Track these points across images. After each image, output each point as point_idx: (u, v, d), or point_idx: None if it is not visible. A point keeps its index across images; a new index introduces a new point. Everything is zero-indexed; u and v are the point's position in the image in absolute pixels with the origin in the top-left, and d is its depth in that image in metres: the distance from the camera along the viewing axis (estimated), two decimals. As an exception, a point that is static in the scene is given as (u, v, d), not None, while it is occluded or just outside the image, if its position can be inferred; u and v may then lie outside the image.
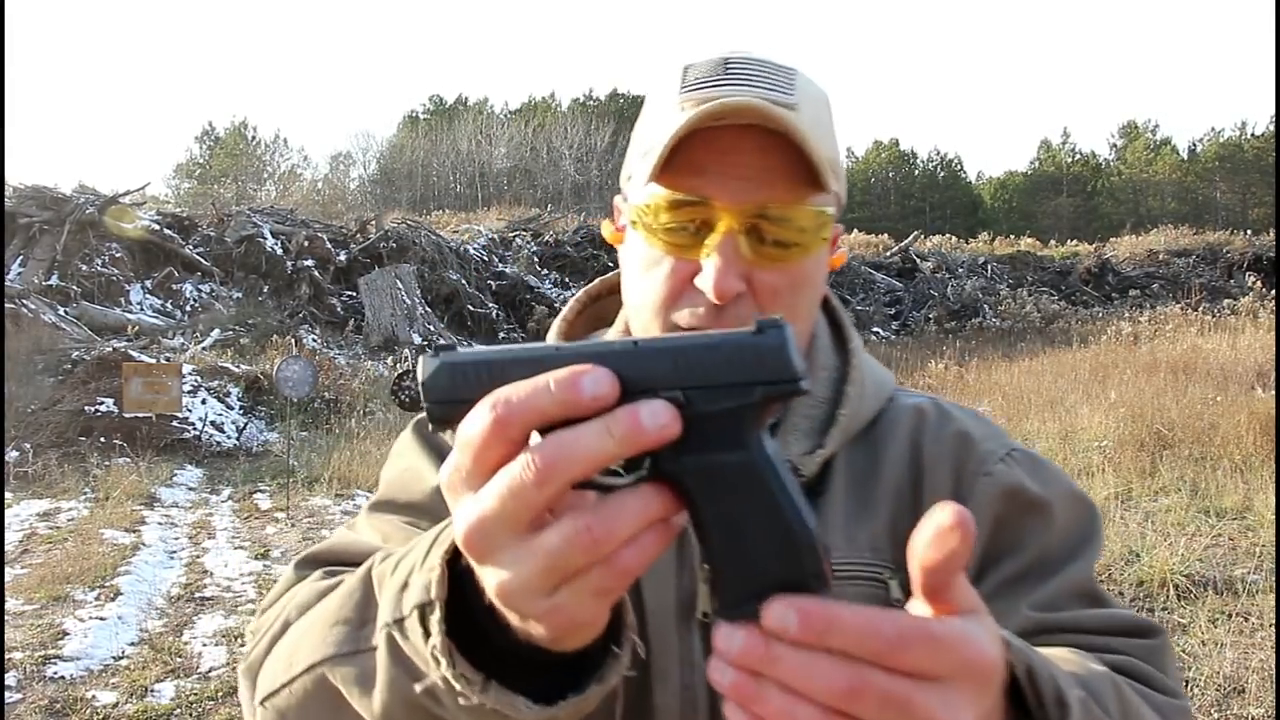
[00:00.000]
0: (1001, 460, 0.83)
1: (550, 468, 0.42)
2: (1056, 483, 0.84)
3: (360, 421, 10.38)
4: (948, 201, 59.35)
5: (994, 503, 0.81)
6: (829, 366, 0.88)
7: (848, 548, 0.79)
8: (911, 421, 0.87)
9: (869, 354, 0.92)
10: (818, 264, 0.81)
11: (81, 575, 5.52)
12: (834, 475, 0.82)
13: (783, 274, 0.77)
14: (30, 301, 12.70)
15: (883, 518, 0.81)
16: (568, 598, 0.45)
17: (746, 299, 0.77)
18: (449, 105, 58.95)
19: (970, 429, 0.86)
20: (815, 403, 0.85)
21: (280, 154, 53.26)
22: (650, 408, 0.43)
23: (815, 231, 0.77)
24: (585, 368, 0.43)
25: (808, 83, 0.80)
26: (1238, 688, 3.80)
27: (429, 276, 17.44)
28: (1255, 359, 11.22)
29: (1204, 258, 26.03)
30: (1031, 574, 0.79)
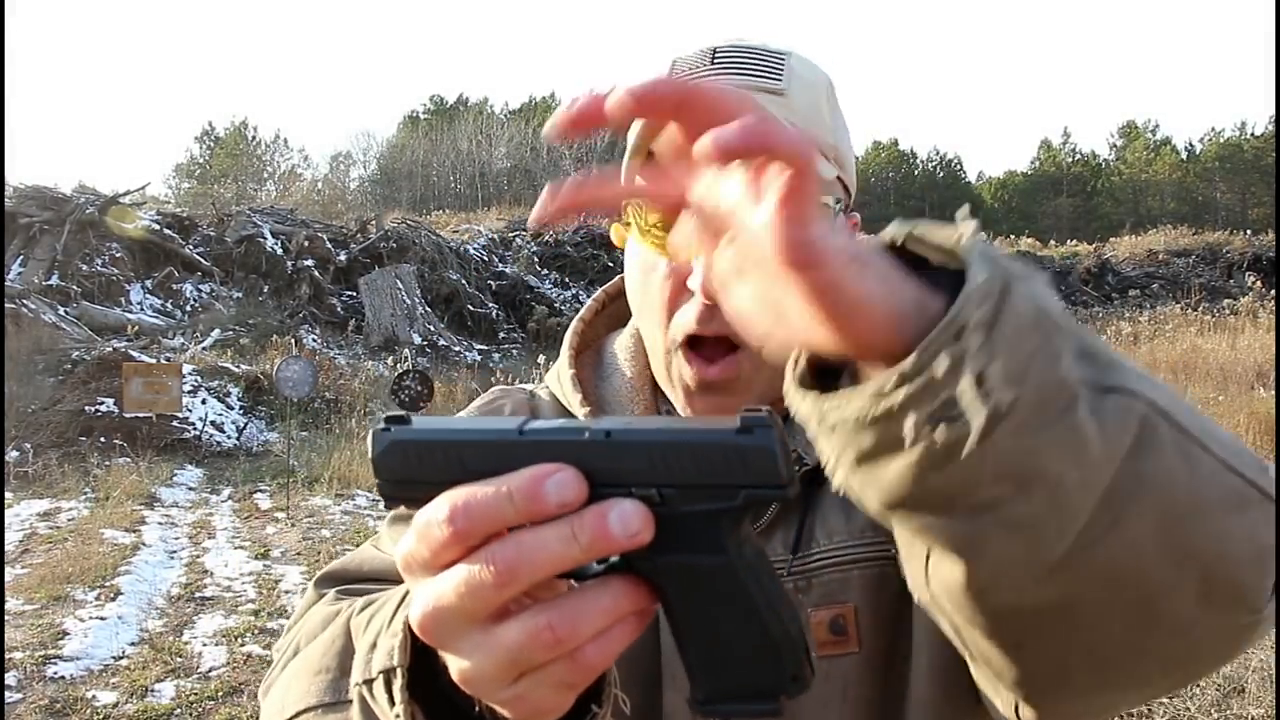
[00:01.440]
0: None
1: (510, 572, 0.41)
2: None
3: (360, 421, 10.38)
4: (947, 201, 59.32)
5: None
6: None
7: (847, 530, 0.77)
8: None
9: None
10: None
11: (82, 575, 5.52)
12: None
13: None
14: (30, 301, 12.70)
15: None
16: (529, 688, 0.44)
17: None
18: (449, 105, 58.91)
19: None
20: None
21: (280, 154, 53.26)
22: (620, 511, 0.40)
23: None
24: (550, 470, 0.41)
25: (804, 66, 0.78)
26: (1238, 688, 3.80)
27: (429, 276, 17.45)
28: (1255, 359, 11.23)
29: (1204, 258, 26.03)
30: None
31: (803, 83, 0.76)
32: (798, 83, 0.75)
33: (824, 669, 0.74)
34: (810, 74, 0.78)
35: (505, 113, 57.89)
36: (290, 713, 0.70)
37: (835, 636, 0.74)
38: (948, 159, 63.11)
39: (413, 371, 8.15)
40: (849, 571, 0.75)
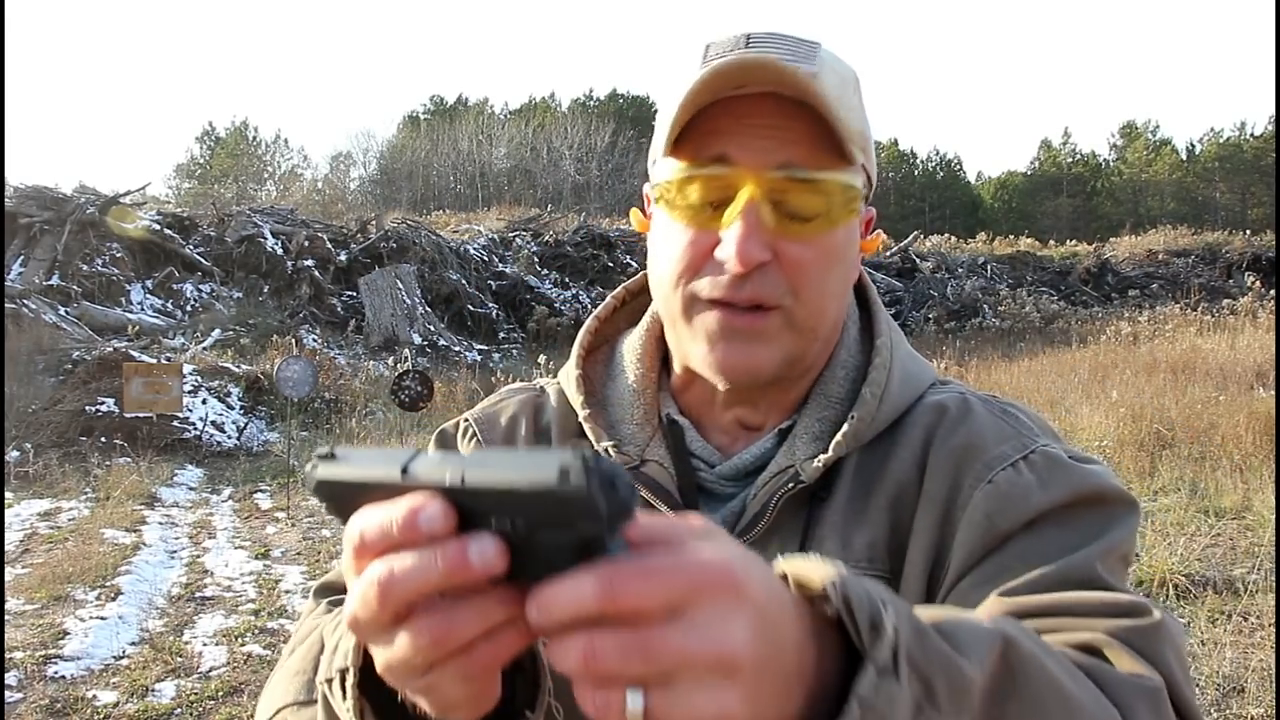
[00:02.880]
0: (1012, 465, 0.76)
1: (385, 593, 0.46)
2: (1075, 484, 0.76)
3: (360, 421, 10.39)
4: (947, 201, 59.32)
5: (989, 511, 0.74)
6: (850, 365, 0.84)
7: (841, 556, 0.76)
8: (929, 421, 0.81)
9: (908, 344, 0.88)
10: (847, 240, 0.78)
11: (82, 575, 5.53)
12: (841, 478, 0.79)
13: (809, 246, 0.75)
14: (31, 301, 12.71)
15: (881, 525, 0.77)
16: (436, 681, 0.48)
17: (773, 270, 0.75)
18: (449, 105, 58.91)
19: (983, 431, 0.79)
20: (829, 403, 0.82)
21: (280, 154, 53.26)
22: (479, 545, 0.44)
23: (843, 204, 0.75)
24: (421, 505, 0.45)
25: (833, 58, 0.78)
26: (1237, 687, 3.80)
27: (429, 276, 17.45)
28: (1254, 359, 11.22)
29: (1203, 258, 26.04)
30: (1014, 568, 0.72)
31: (833, 70, 0.76)
32: (828, 69, 0.76)
33: None
34: (839, 65, 0.79)
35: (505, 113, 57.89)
36: (272, 710, 0.77)
37: None
38: (947, 159, 63.13)
39: (413, 371, 8.16)
40: None
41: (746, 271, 0.73)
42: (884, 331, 0.85)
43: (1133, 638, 0.66)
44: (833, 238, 0.76)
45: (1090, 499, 0.76)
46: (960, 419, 0.80)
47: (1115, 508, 0.77)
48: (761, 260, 0.73)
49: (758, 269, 0.74)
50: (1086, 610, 0.68)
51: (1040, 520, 0.74)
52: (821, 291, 0.77)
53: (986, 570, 0.73)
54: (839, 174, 0.75)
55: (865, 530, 0.77)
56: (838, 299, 0.80)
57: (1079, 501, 0.75)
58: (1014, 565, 0.72)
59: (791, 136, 0.73)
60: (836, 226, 0.76)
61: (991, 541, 0.74)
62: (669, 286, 0.79)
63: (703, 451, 0.83)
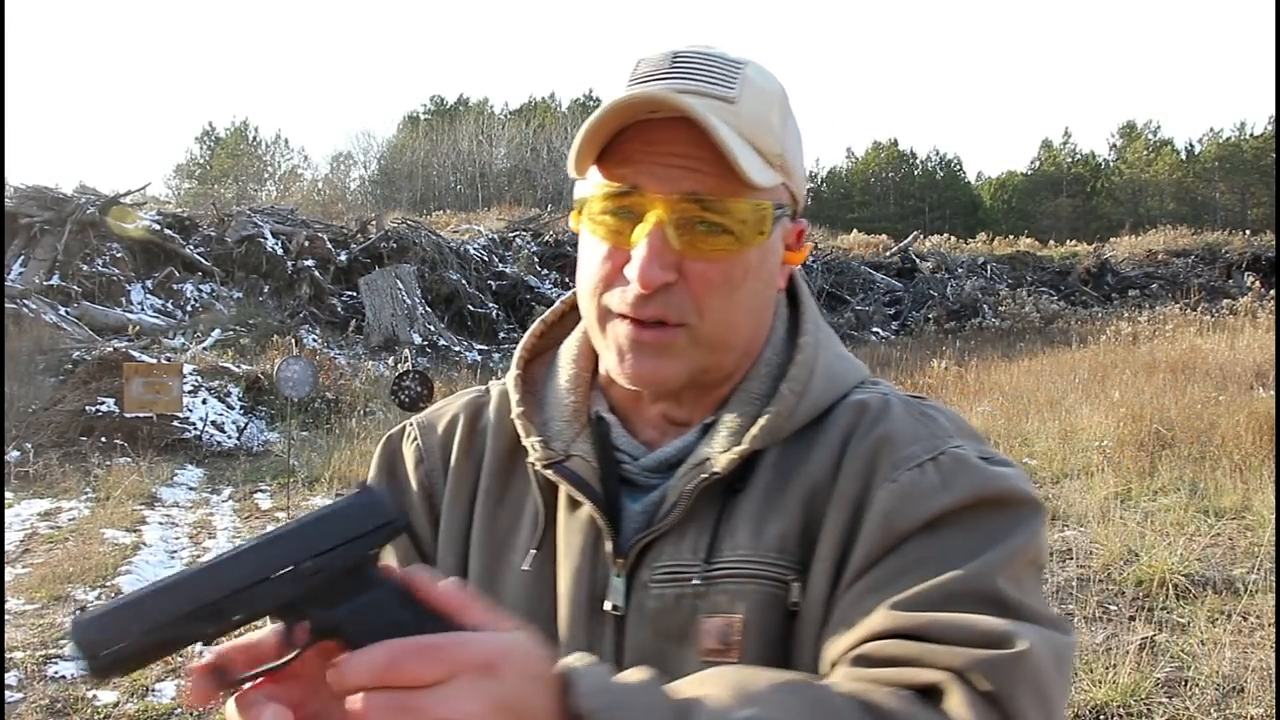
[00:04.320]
0: (919, 465, 0.77)
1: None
2: (979, 485, 0.76)
3: (361, 421, 10.39)
4: (947, 201, 59.31)
5: (888, 510, 0.76)
6: (773, 364, 0.86)
7: (752, 546, 0.79)
8: (849, 419, 0.83)
9: (840, 346, 0.90)
10: (760, 258, 0.80)
11: (82, 575, 5.53)
12: (758, 472, 0.81)
13: (715, 266, 0.78)
14: (31, 301, 12.71)
15: (795, 518, 0.79)
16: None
17: (680, 288, 0.78)
18: (449, 105, 58.91)
19: (897, 430, 0.81)
20: (750, 399, 0.84)
21: (281, 154, 53.28)
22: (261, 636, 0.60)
23: (752, 225, 0.78)
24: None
25: (760, 75, 0.80)
26: (1237, 687, 3.80)
27: (429, 276, 17.45)
28: (1254, 359, 11.23)
29: (1203, 258, 26.05)
30: (910, 572, 0.73)
31: (755, 90, 0.79)
32: (750, 91, 0.78)
33: None
34: (765, 83, 0.80)
35: (505, 113, 57.88)
36: None
37: (721, 645, 0.77)
38: (947, 159, 63.10)
39: (413, 371, 8.15)
40: (744, 585, 0.78)
41: (649, 292, 0.77)
42: (808, 331, 0.87)
43: (987, 672, 0.66)
44: (741, 259, 0.78)
45: (993, 501, 0.76)
46: (877, 418, 0.82)
47: (1020, 510, 0.77)
48: (664, 281, 0.77)
49: (663, 288, 0.77)
50: (952, 637, 0.68)
51: (939, 521, 0.75)
52: (728, 310, 0.80)
53: (880, 574, 0.74)
54: (746, 199, 0.77)
55: (777, 522, 0.79)
56: (750, 314, 0.82)
57: (981, 503, 0.76)
58: (910, 569, 0.73)
59: (700, 163, 0.76)
60: (746, 248, 0.78)
61: (889, 541, 0.75)
62: (586, 297, 0.83)
63: (627, 446, 0.86)
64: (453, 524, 0.91)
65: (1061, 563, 5.34)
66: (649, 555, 0.81)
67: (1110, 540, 5.49)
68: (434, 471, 0.93)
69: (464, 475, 0.92)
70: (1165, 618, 4.57)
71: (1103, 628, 4.45)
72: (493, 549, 0.88)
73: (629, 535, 0.82)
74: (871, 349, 17.16)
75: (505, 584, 0.86)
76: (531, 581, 0.85)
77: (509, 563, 0.87)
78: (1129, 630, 4.38)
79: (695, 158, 0.75)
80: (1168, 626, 4.47)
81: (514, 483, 0.89)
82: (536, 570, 0.85)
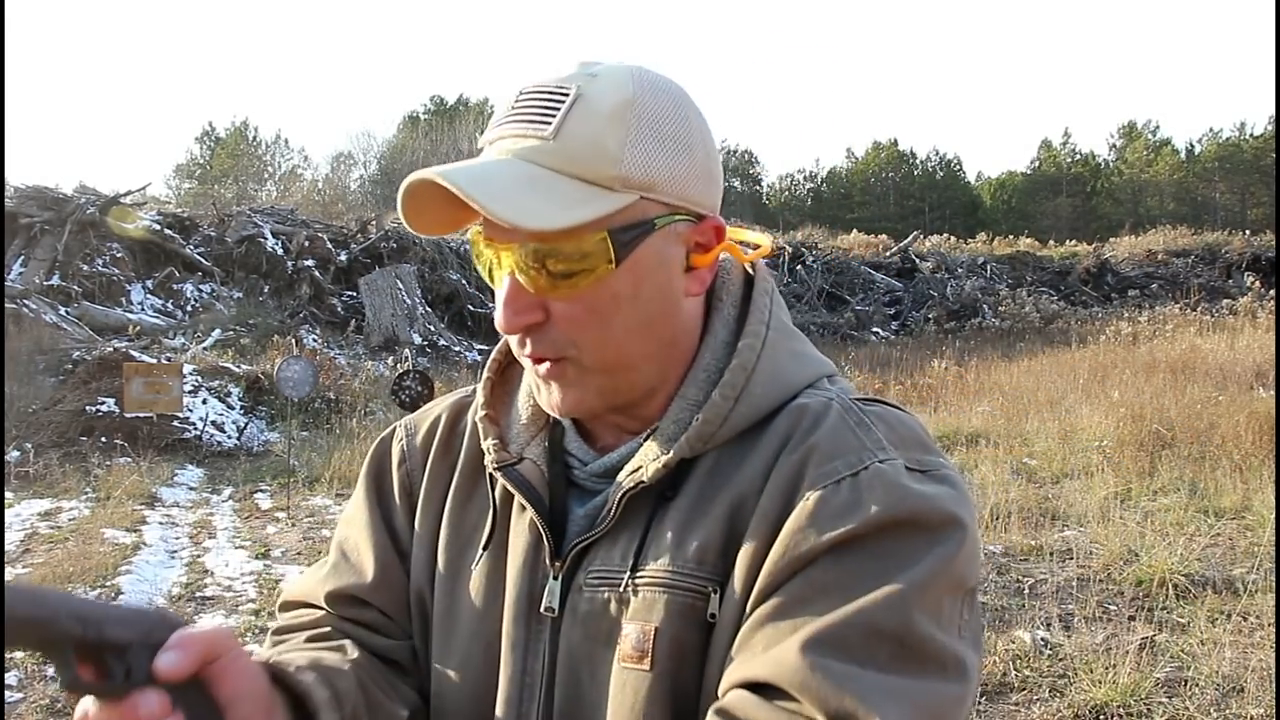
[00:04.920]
0: (836, 482, 0.74)
1: None
2: (894, 504, 0.73)
3: (361, 421, 10.40)
4: (947, 201, 59.32)
5: (795, 528, 0.73)
6: (712, 368, 0.84)
7: (672, 556, 0.78)
8: (787, 425, 0.81)
9: (800, 344, 0.87)
10: (632, 280, 0.78)
11: (83, 575, 5.53)
12: (691, 479, 0.81)
13: (576, 301, 0.78)
14: (31, 301, 12.72)
15: (718, 529, 0.78)
16: None
17: (550, 326, 0.79)
18: (449, 105, 58.92)
19: (822, 442, 0.77)
20: (687, 405, 0.82)
21: (281, 154, 53.24)
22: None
23: (597, 256, 0.76)
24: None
25: (597, 94, 0.77)
26: (1237, 687, 3.80)
27: (429, 276, 17.46)
28: (1254, 359, 11.23)
29: (1203, 258, 26.06)
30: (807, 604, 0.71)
31: (585, 115, 0.76)
32: (576, 118, 0.76)
33: (622, 678, 0.78)
34: (602, 100, 0.77)
35: (505, 113, 57.79)
36: None
37: (636, 652, 0.78)
38: (947, 159, 63.13)
39: (413, 371, 8.16)
40: (661, 595, 0.78)
41: (513, 333, 0.80)
42: (752, 334, 0.84)
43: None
44: (604, 287, 0.77)
45: (907, 522, 0.72)
46: (811, 427, 0.79)
47: (938, 531, 0.73)
48: (525, 324, 0.79)
49: (534, 327, 0.79)
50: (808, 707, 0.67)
51: (846, 544, 0.72)
52: (605, 337, 0.79)
53: (780, 600, 0.72)
54: (586, 234, 0.75)
55: (699, 533, 0.78)
56: (639, 333, 0.80)
57: (894, 524, 0.72)
58: (811, 598, 0.71)
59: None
60: (601, 279, 0.77)
61: (794, 564, 0.72)
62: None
63: (578, 451, 0.88)
64: (426, 521, 0.94)
65: (1061, 563, 5.34)
66: (585, 559, 0.82)
67: (1110, 540, 5.49)
68: (414, 471, 0.96)
69: (439, 473, 0.95)
70: (1165, 618, 4.57)
71: (1102, 628, 4.45)
72: (458, 545, 0.91)
73: (571, 538, 0.83)
74: (871, 349, 17.18)
75: (465, 581, 0.89)
76: (483, 581, 0.88)
77: (469, 559, 0.90)
78: (1129, 630, 4.38)
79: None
80: (1168, 626, 4.47)
81: (482, 483, 0.92)
82: (488, 570, 0.87)
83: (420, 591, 0.92)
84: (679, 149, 0.79)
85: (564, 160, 0.76)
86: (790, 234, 28.87)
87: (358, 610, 0.94)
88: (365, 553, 0.95)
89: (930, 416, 9.71)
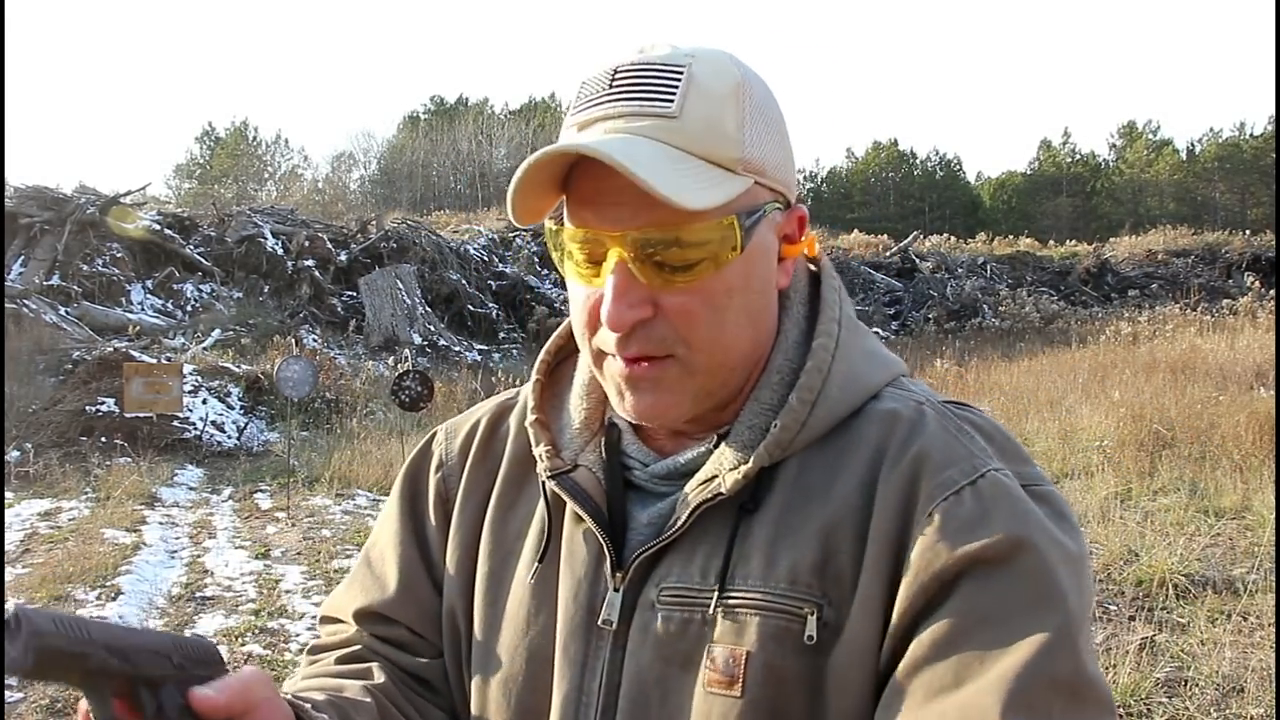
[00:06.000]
0: (957, 494, 0.71)
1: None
2: (1022, 526, 0.70)
3: (361, 421, 10.40)
4: (947, 201, 59.30)
5: (927, 548, 0.70)
6: (785, 370, 0.80)
7: (763, 576, 0.74)
8: (879, 433, 0.77)
9: (871, 343, 0.84)
10: (745, 270, 0.75)
11: (83, 575, 5.53)
12: (774, 489, 0.77)
13: (693, 294, 0.74)
14: (31, 301, 12.72)
15: (812, 546, 0.74)
16: None
17: (659, 322, 0.74)
18: (449, 106, 58.89)
19: (931, 450, 0.74)
20: (762, 409, 0.79)
21: (281, 154, 53.24)
22: None
23: (721, 243, 0.73)
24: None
25: (709, 72, 0.74)
26: (1237, 687, 3.80)
27: (429, 276, 17.46)
28: (1254, 359, 11.23)
29: (1203, 258, 26.05)
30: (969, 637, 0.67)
31: (701, 95, 0.73)
32: (695, 98, 0.72)
33: (707, 705, 0.74)
34: (714, 81, 0.74)
35: (505, 113, 57.86)
36: None
37: (726, 677, 0.73)
38: (947, 159, 63.08)
39: (413, 371, 8.15)
40: (753, 617, 0.73)
41: (623, 332, 0.74)
42: (825, 333, 0.80)
43: None
44: (720, 279, 0.74)
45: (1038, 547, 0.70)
46: (913, 431, 0.76)
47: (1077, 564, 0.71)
48: (635, 319, 0.73)
49: (641, 324, 0.74)
50: None
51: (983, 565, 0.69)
52: (718, 333, 0.75)
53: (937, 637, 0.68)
54: (709, 219, 0.72)
55: (790, 551, 0.74)
56: (745, 329, 0.77)
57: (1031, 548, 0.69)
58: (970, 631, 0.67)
59: (647, 197, 0.69)
60: (721, 268, 0.74)
61: (932, 586, 0.70)
62: (579, 338, 0.80)
63: (638, 453, 0.84)
64: (464, 527, 0.91)
65: (1061, 563, 5.34)
66: (655, 572, 0.78)
67: (1110, 540, 5.49)
68: (450, 476, 0.94)
69: (477, 480, 0.92)
70: (1165, 618, 4.57)
71: (1102, 628, 4.45)
72: (500, 555, 0.88)
73: (633, 546, 0.79)
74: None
75: (508, 592, 0.86)
76: (533, 593, 0.84)
77: (513, 570, 0.87)
78: (1129, 630, 4.38)
79: (641, 193, 0.69)
80: (1168, 626, 4.47)
81: (527, 490, 0.89)
82: (539, 582, 0.84)
83: (453, 602, 0.90)
84: (780, 135, 0.78)
85: (689, 140, 0.72)
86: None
87: (385, 628, 0.92)
88: (390, 565, 0.93)
89: (930, 416, 9.70)
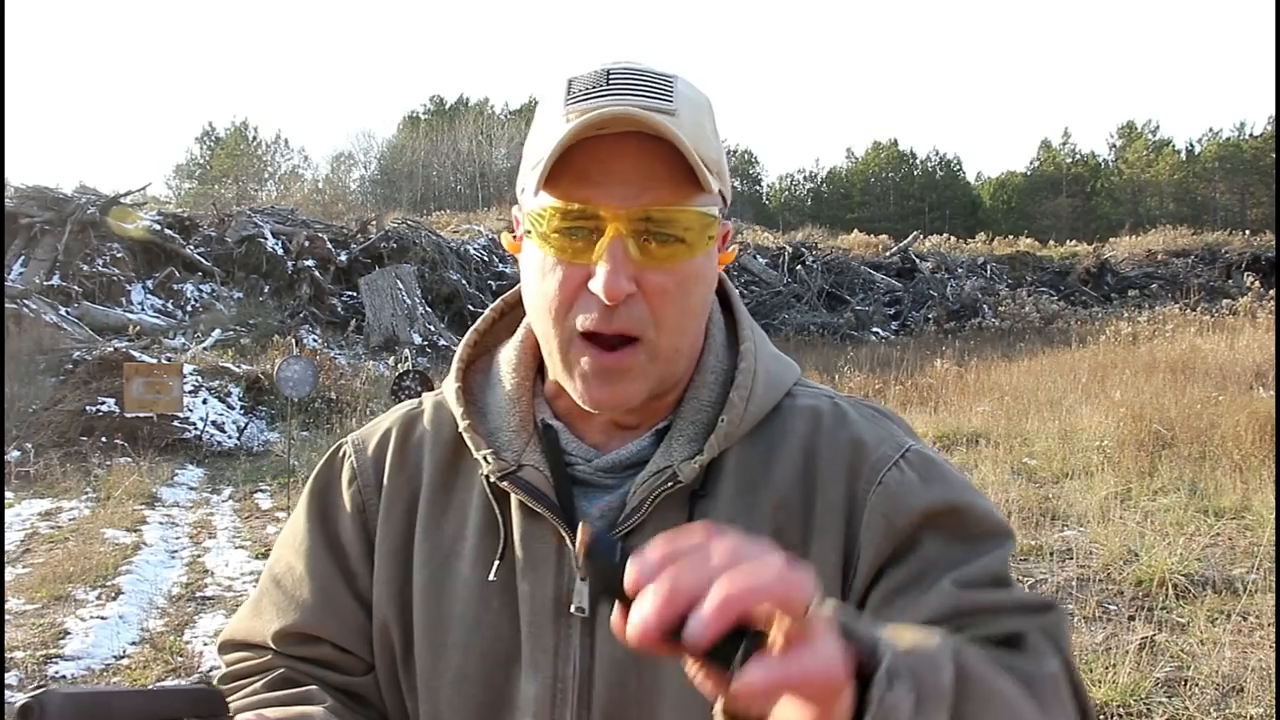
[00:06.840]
0: (895, 465, 0.84)
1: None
2: (952, 483, 0.84)
3: (361, 421, 10.39)
4: (947, 202, 59.31)
5: (885, 511, 0.81)
6: (718, 370, 0.89)
7: None
8: (806, 426, 0.87)
9: (771, 345, 0.93)
10: (706, 263, 0.83)
11: (83, 574, 5.53)
12: (722, 477, 0.84)
13: (670, 274, 0.79)
14: (32, 301, 12.72)
15: (765, 526, 0.82)
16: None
17: (637, 300, 0.79)
18: (449, 106, 58.90)
19: (864, 434, 0.86)
20: (701, 406, 0.86)
21: (281, 154, 53.23)
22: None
23: (701, 231, 0.80)
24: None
25: (688, 88, 0.82)
26: (1236, 687, 3.80)
27: (429, 276, 17.46)
28: (1254, 359, 11.23)
29: (1202, 258, 26.05)
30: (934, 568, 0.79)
31: (689, 103, 0.80)
32: (684, 103, 0.80)
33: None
34: (694, 95, 0.82)
35: (505, 113, 57.88)
36: None
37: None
38: (947, 159, 63.10)
39: (413, 371, 8.16)
40: None
41: (614, 304, 0.78)
42: (748, 337, 0.90)
43: (1050, 630, 0.77)
44: (692, 264, 0.81)
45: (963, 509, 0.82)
46: (839, 422, 0.87)
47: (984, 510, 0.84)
48: (628, 292, 0.78)
49: (625, 301, 0.79)
50: (1011, 609, 0.77)
51: (933, 517, 0.81)
52: (681, 318, 0.82)
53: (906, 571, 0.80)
54: (697, 206, 0.79)
55: (747, 529, 0.78)
56: (697, 319, 0.85)
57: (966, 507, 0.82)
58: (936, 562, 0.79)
59: (652, 176, 0.77)
60: (696, 253, 0.80)
61: (896, 538, 0.81)
62: (549, 321, 0.82)
63: (578, 451, 0.88)
64: (390, 538, 0.91)
65: (1061, 562, 5.34)
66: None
67: (1110, 540, 5.49)
68: (367, 488, 0.93)
69: (398, 489, 0.92)
70: (1165, 617, 4.57)
71: (1102, 627, 4.45)
72: (439, 559, 0.89)
73: None
74: (871, 349, 17.16)
75: (454, 594, 0.87)
76: (486, 591, 0.86)
77: (457, 572, 0.87)
78: (1128, 630, 4.38)
79: (648, 171, 0.77)
80: (1167, 626, 4.47)
81: (456, 494, 0.90)
82: (497, 579, 0.86)
83: (384, 613, 0.90)
84: (723, 153, 0.86)
85: (688, 136, 0.77)
86: (790, 234, 28.88)
87: (308, 647, 0.91)
88: (305, 582, 0.92)
89: (930, 416, 9.71)
